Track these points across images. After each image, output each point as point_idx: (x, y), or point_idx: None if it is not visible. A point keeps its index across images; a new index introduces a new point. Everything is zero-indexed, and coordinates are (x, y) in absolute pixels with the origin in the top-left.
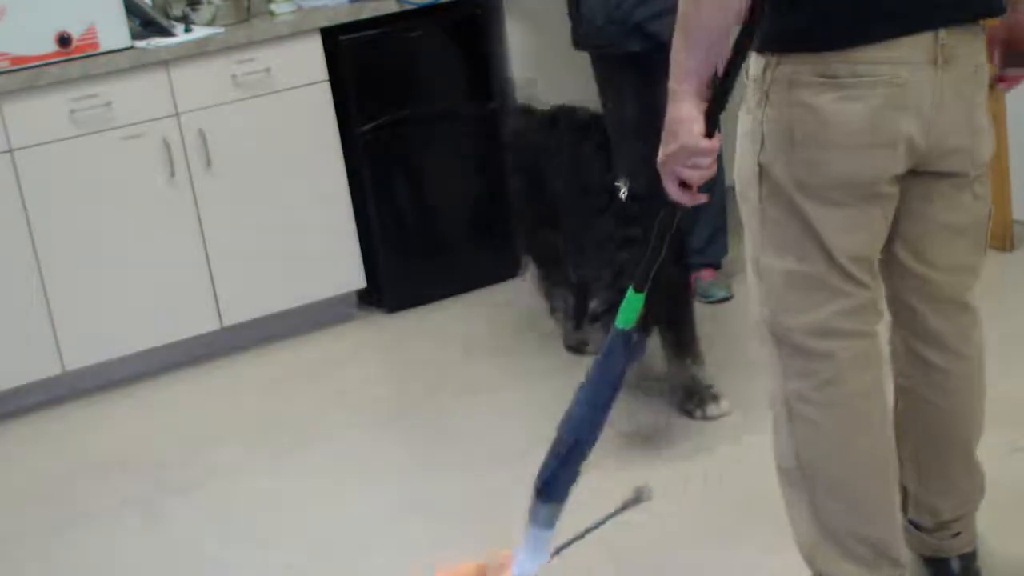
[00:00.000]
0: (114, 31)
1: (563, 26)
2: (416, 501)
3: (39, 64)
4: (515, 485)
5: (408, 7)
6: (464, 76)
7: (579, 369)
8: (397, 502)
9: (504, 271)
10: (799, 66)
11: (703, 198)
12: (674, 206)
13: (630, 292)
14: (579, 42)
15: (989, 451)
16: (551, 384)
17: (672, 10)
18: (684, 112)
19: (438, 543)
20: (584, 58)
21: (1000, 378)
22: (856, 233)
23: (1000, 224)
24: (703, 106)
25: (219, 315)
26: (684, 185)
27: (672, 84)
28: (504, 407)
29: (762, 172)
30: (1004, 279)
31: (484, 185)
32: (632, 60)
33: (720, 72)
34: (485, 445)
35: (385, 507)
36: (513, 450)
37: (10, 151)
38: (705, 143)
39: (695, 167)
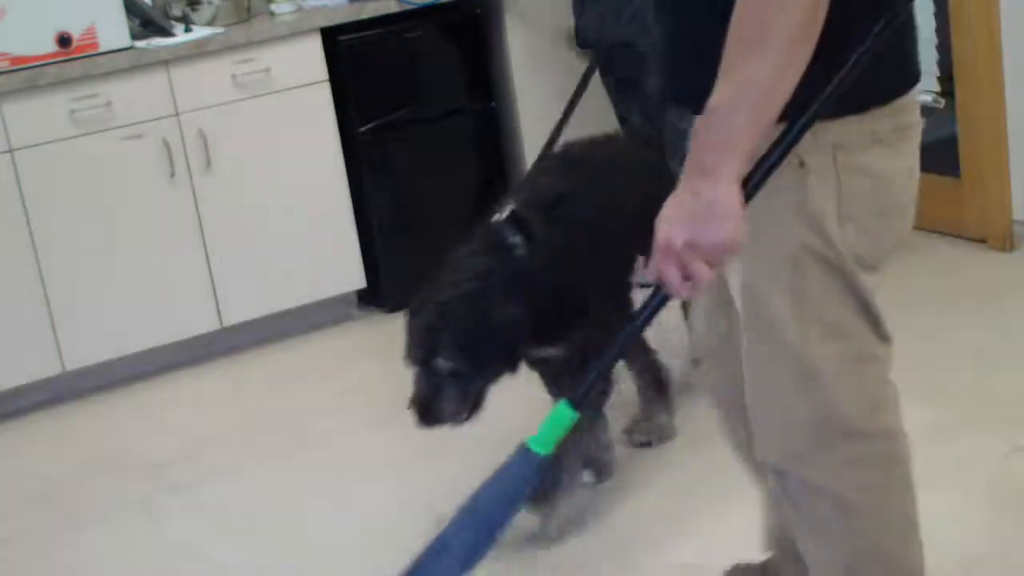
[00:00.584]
0: (114, 31)
1: (563, 26)
2: (416, 501)
3: (39, 64)
4: None
5: (408, 7)
6: (464, 76)
7: None
8: (397, 502)
9: None
10: (847, 127)
11: (700, 293)
12: (663, 297)
13: (562, 407)
14: (584, 41)
15: (989, 451)
16: None
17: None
18: (736, 200)
19: None
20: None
21: (1000, 378)
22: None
23: (1000, 224)
24: None
25: (219, 315)
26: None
27: (715, 160)
28: (504, 406)
29: (804, 255)
30: (1004, 279)
31: (484, 185)
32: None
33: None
34: (485, 445)
35: (385, 507)
36: (513, 449)
37: (10, 151)
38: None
39: (722, 263)
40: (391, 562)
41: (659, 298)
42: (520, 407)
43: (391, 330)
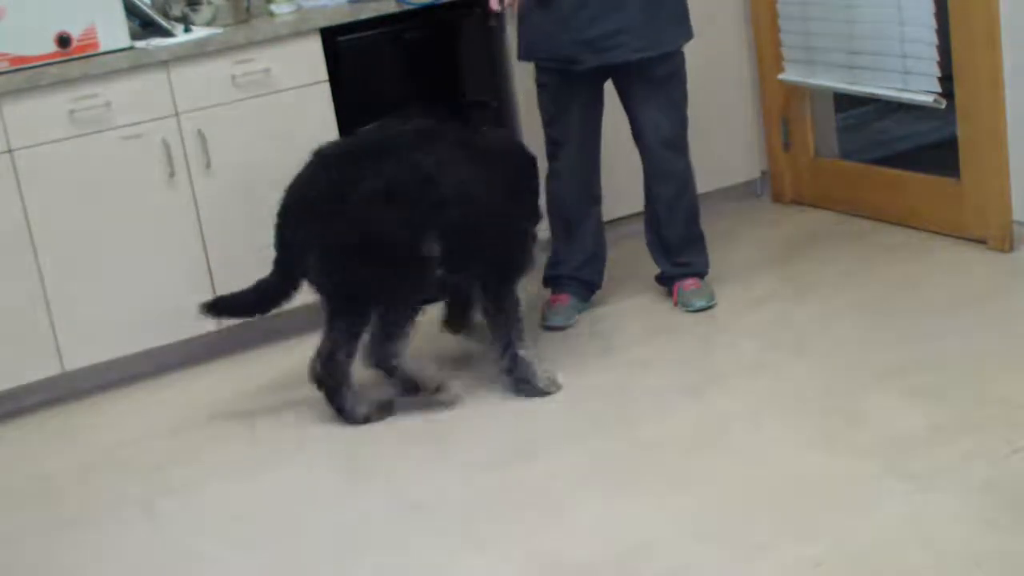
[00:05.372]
0: (114, 31)
1: None
2: (415, 501)
3: (39, 64)
4: (514, 485)
5: (408, 7)
6: (464, 76)
7: (578, 368)
8: (396, 502)
9: None
10: None
11: None
12: None
13: None
14: (527, 53)
15: (989, 451)
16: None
17: (627, 30)
18: None
19: (437, 543)
20: None
21: (1000, 379)
22: None
23: (1000, 224)
24: None
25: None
26: None
27: None
28: (504, 406)
29: None
30: (1004, 279)
31: None
32: (580, 77)
33: None
34: (485, 445)
35: (384, 507)
36: (512, 449)
37: (10, 151)
38: None
39: None
40: (390, 562)
41: None
42: (517, 408)
43: None
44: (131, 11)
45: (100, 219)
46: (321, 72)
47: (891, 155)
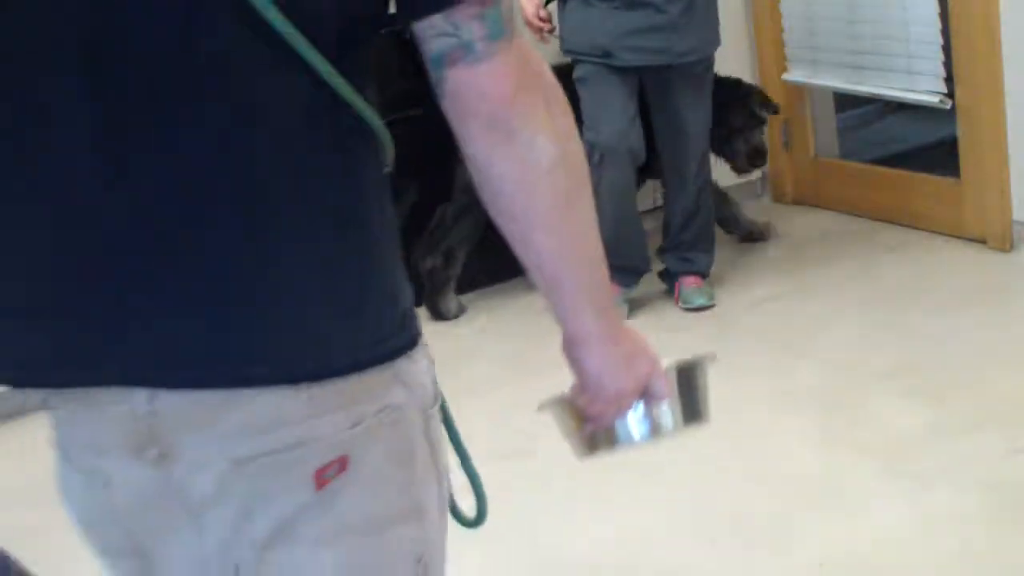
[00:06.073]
0: None
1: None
2: None
3: None
4: (516, 483)
5: None
6: None
7: None
8: None
9: (505, 271)
10: None
11: None
12: None
13: None
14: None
15: (989, 451)
16: (554, 381)
17: (674, 31)
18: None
19: None
20: None
21: (1000, 379)
22: None
23: (1000, 224)
24: None
25: None
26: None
27: (595, 319)
28: (505, 405)
29: None
30: (1004, 279)
31: None
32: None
33: None
34: (485, 443)
35: None
36: (514, 448)
37: None
38: None
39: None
40: None
41: None
42: (518, 406)
43: None
44: None
45: None
46: None
47: (891, 155)
